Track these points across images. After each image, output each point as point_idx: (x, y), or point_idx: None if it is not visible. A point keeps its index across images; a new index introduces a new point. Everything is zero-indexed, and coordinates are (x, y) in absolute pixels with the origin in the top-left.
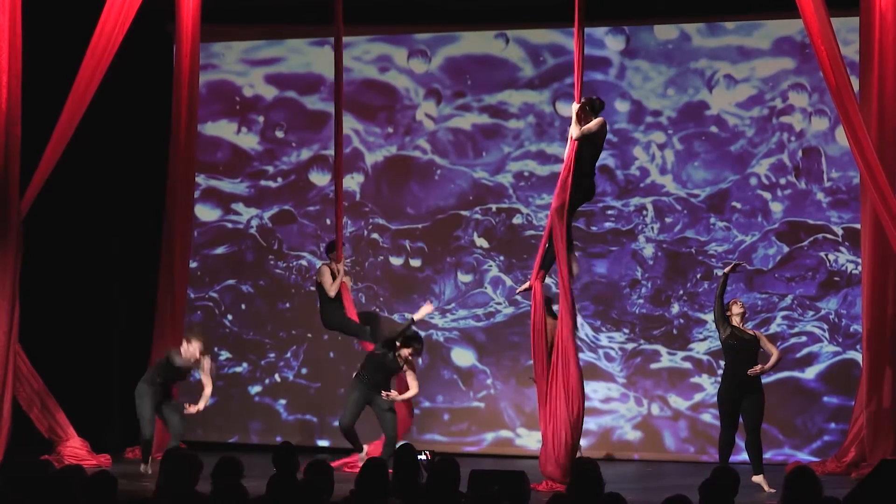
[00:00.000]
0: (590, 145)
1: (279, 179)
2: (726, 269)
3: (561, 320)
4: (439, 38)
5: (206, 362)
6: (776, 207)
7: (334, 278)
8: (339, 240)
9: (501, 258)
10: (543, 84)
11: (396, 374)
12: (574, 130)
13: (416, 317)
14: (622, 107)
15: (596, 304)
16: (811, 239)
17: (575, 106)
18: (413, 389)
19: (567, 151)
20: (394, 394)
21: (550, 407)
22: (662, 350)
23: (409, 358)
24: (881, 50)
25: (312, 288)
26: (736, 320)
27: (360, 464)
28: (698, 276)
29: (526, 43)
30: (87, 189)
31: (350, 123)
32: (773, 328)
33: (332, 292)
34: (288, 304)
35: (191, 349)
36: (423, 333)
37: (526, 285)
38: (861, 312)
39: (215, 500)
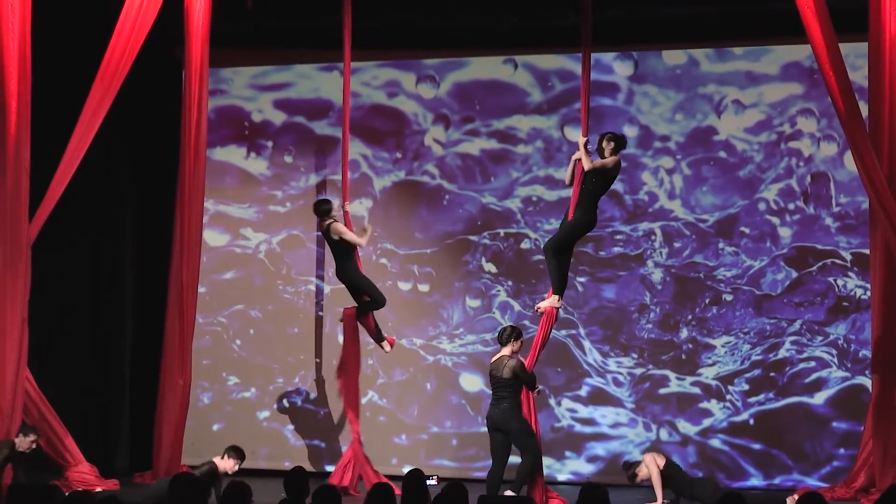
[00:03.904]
0: (600, 179)
1: (288, 204)
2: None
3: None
4: (448, 63)
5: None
6: (785, 232)
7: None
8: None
9: (510, 283)
10: (552, 109)
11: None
12: (586, 162)
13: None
14: (630, 132)
15: (604, 329)
16: (820, 264)
17: (582, 139)
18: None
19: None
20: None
21: None
22: (671, 375)
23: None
24: (891, 75)
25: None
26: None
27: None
28: (707, 300)
29: (534, 68)
30: (96, 213)
31: (358, 148)
32: (782, 353)
33: (363, 241)
34: (296, 329)
35: None
36: (431, 359)
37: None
38: (870, 338)
39: None
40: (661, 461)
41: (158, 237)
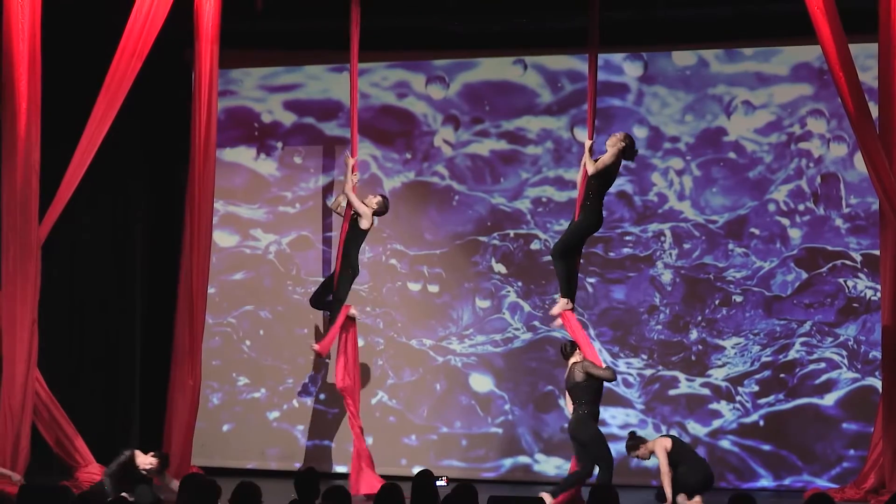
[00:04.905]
0: (604, 176)
1: (297, 205)
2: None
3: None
4: (457, 64)
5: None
6: (795, 233)
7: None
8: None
9: (519, 284)
10: (561, 110)
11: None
12: (590, 166)
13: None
14: (640, 133)
15: (614, 330)
16: (830, 265)
17: (588, 142)
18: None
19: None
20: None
21: None
22: (681, 376)
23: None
24: None
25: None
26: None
27: None
28: (717, 302)
29: (544, 69)
30: (105, 215)
31: (368, 149)
32: (792, 354)
33: (365, 221)
34: (306, 330)
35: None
36: (440, 359)
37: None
38: (880, 339)
39: None
40: (669, 445)
41: (168, 238)
